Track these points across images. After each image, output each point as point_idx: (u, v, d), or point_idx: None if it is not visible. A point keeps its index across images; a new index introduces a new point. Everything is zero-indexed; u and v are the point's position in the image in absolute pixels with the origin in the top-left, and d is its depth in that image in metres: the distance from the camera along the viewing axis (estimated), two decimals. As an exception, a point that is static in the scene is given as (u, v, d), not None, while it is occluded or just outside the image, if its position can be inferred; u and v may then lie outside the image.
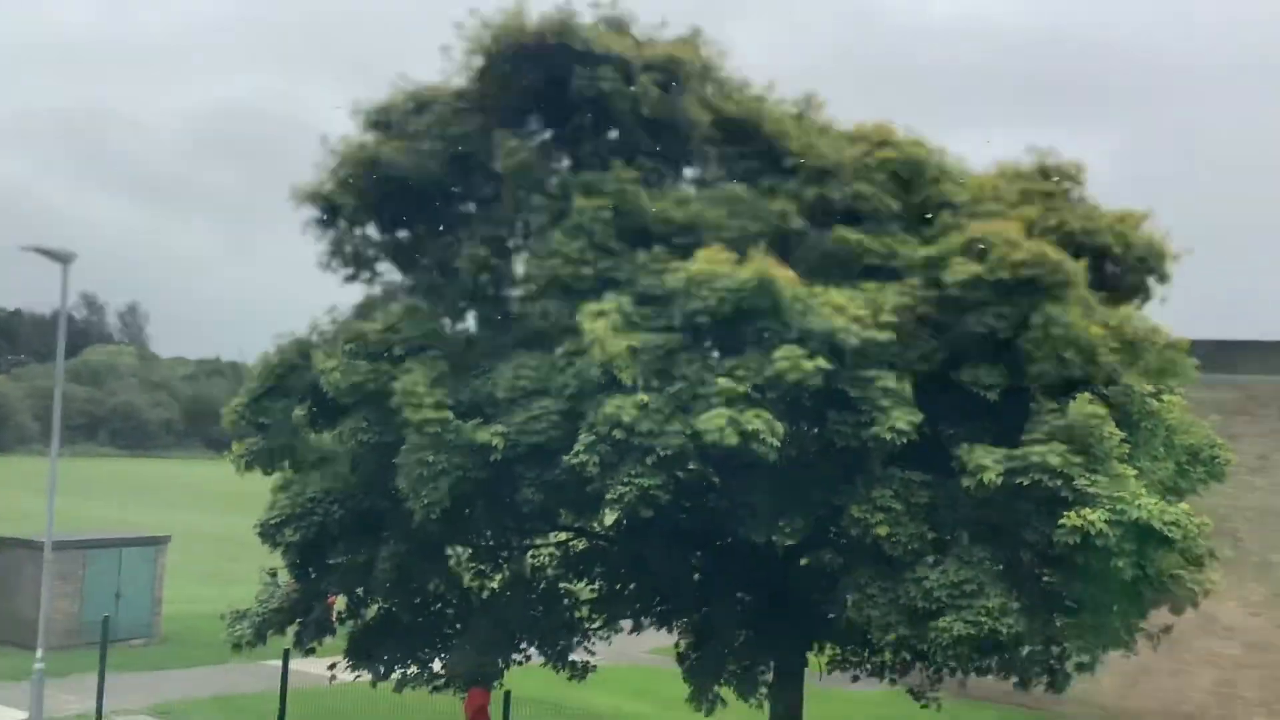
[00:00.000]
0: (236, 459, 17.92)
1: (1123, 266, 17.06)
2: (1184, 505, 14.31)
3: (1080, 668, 16.17)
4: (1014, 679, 16.55)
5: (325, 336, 17.50)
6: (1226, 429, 20.44)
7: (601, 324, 14.16)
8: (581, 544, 21.12)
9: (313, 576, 18.92)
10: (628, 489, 14.04)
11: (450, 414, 15.20)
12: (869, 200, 16.12)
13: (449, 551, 19.63)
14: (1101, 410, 14.38)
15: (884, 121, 17.43)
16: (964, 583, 14.47)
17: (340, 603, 19.95)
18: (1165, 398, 16.47)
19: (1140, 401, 15.69)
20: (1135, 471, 14.64)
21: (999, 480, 13.90)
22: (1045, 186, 17.81)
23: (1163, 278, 17.49)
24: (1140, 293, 17.57)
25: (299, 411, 17.85)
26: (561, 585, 20.67)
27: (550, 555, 21.28)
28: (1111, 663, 17.52)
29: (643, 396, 14.16)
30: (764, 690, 19.39)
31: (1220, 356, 24.57)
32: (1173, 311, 17.83)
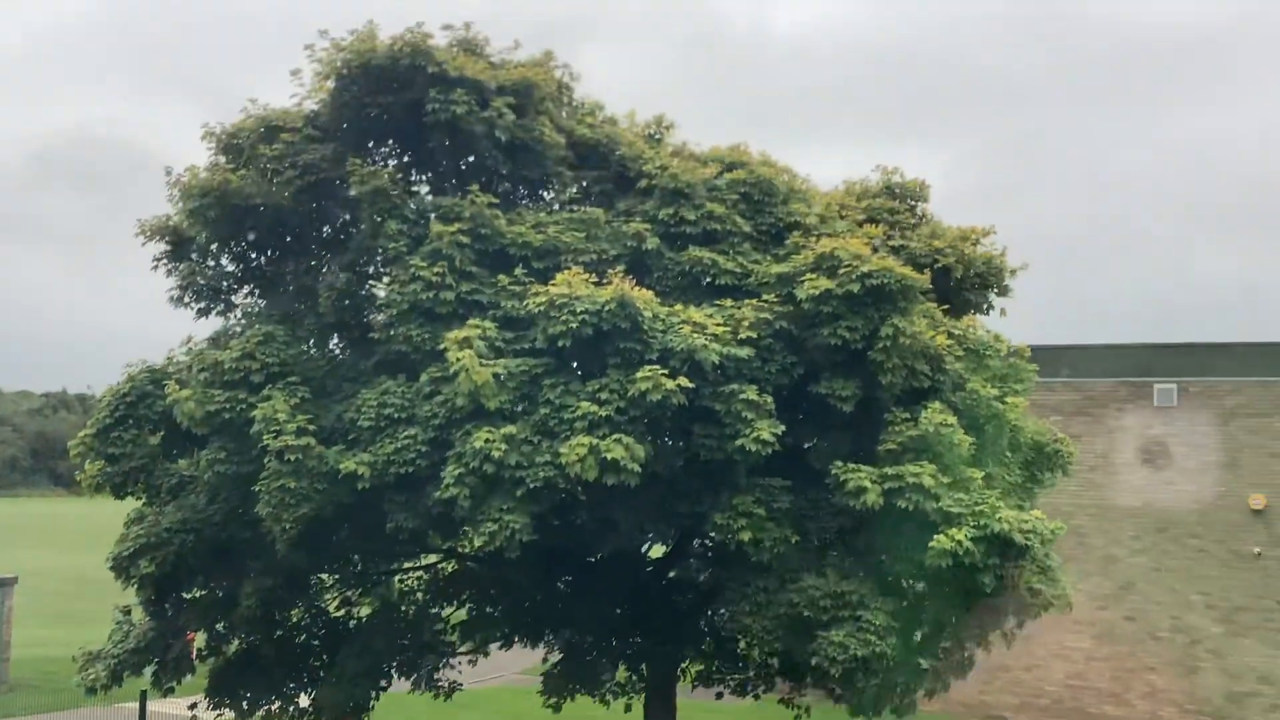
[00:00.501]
0: (87, 480, 17.28)
1: (965, 282, 17.78)
2: (1037, 512, 14.96)
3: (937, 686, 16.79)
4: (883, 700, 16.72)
5: (180, 367, 17.09)
6: (1067, 430, 21.43)
7: (467, 352, 14.18)
8: (450, 567, 21.00)
9: (169, 613, 18.39)
10: (497, 527, 14.09)
11: (313, 440, 15.00)
12: (722, 220, 16.47)
13: (314, 580, 19.31)
14: (951, 419, 14.94)
15: (735, 144, 17.87)
16: (847, 593, 14.82)
17: (199, 639, 19.43)
18: (1009, 400, 17.20)
19: (987, 406, 16.34)
20: (983, 474, 15.25)
21: (880, 502, 14.32)
22: (891, 205, 18.47)
23: (1002, 291, 18.30)
24: (981, 306, 18.35)
25: (153, 441, 17.36)
26: (431, 610, 20.52)
27: (418, 580, 21.11)
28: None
29: (510, 428, 14.22)
30: (631, 700, 19.61)
31: (1058, 361, 25.76)
32: (1016, 317, 18.71)
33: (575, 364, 15.12)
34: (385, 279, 16.51)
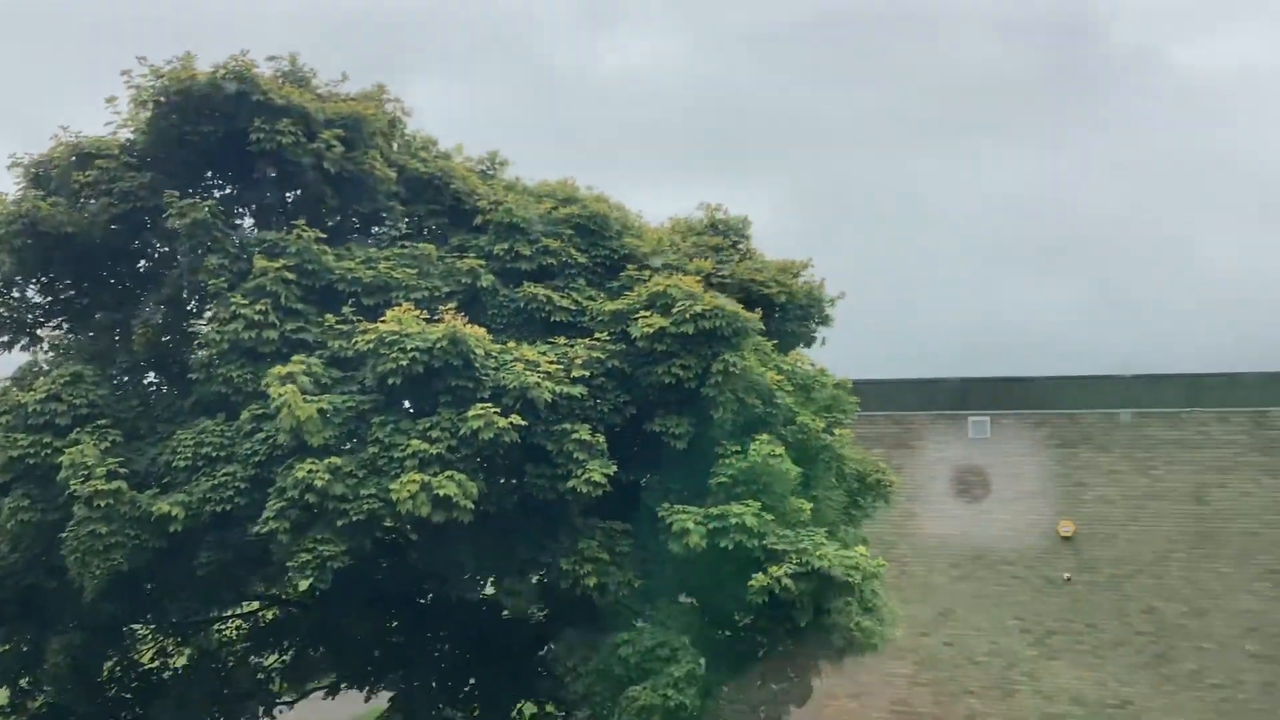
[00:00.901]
0: None
1: (789, 314, 18.20)
2: (861, 549, 15.31)
3: None
4: None
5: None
6: (889, 461, 22.07)
7: (290, 388, 13.73)
8: (272, 613, 20.32)
9: (-33, 670, 17.27)
10: (310, 557, 13.66)
11: (124, 484, 14.30)
12: (558, 255, 16.45)
13: (127, 631, 18.41)
14: (779, 449, 15.21)
15: (564, 179, 17.94)
16: (657, 647, 14.91)
17: (1, 696, 18.28)
18: (836, 431, 17.66)
19: (815, 437, 16.71)
20: (811, 505, 15.57)
21: (704, 543, 14.42)
22: (716, 240, 18.82)
23: (824, 321, 18.83)
24: (805, 337, 18.83)
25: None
26: (251, 658, 19.80)
27: (238, 628, 20.35)
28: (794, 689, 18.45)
29: (335, 460, 13.83)
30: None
31: (880, 395, 26.57)
32: (838, 351, 19.29)
33: (406, 402, 14.82)
34: (205, 316, 15.90)
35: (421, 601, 18.95)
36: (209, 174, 16.68)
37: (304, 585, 14.06)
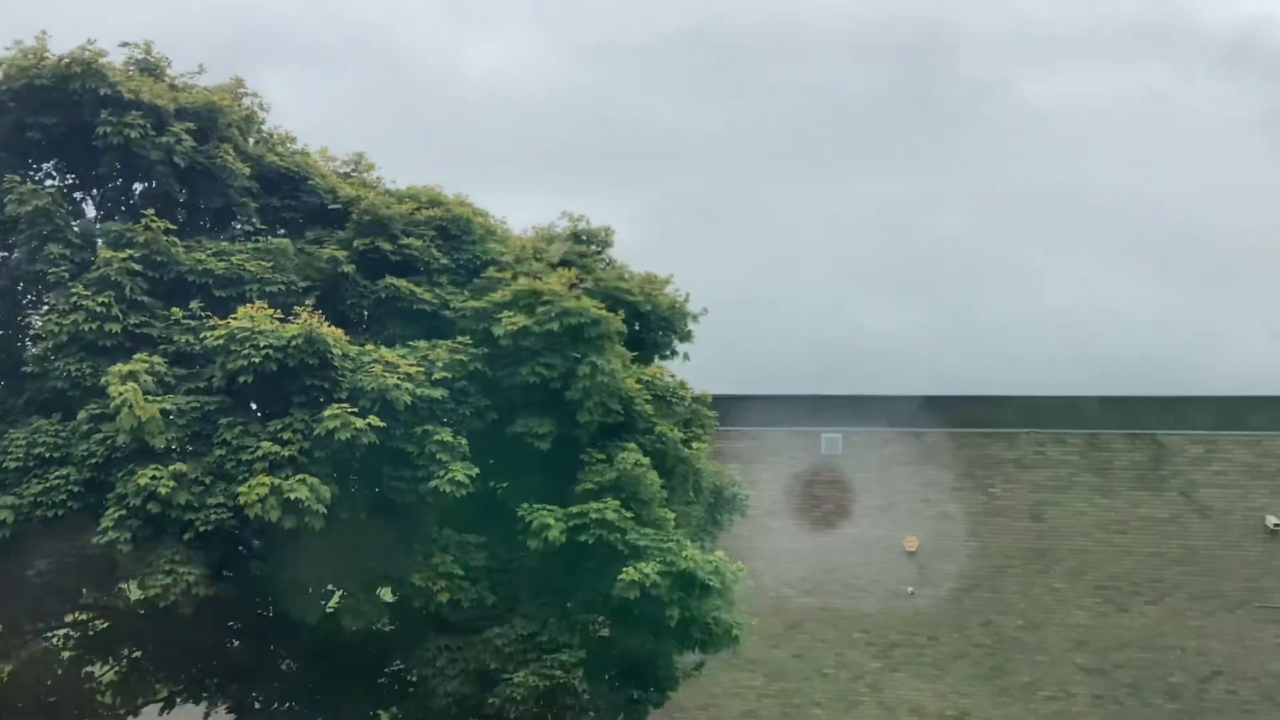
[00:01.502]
0: None
1: (651, 325, 18.27)
2: (720, 553, 15.49)
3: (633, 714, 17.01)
4: None
5: None
6: (746, 476, 22.30)
7: (131, 386, 13.12)
8: (104, 623, 19.40)
9: None
10: (169, 580, 13.11)
11: None
12: (419, 253, 16.16)
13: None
14: (644, 460, 15.26)
15: (429, 184, 17.71)
16: (534, 634, 14.72)
17: None
18: (694, 445, 17.79)
19: (675, 449, 16.81)
20: (674, 514, 15.65)
21: (563, 538, 14.29)
22: (580, 249, 18.80)
23: (684, 336, 18.94)
24: (666, 349, 18.92)
25: None
26: (81, 670, 18.85)
27: (67, 636, 19.36)
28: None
29: (180, 466, 13.28)
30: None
31: (737, 410, 26.86)
32: (698, 367, 19.43)
33: (255, 403, 14.34)
34: (43, 309, 15.13)
35: (265, 614, 18.33)
36: (50, 165, 15.94)
37: (150, 594, 13.41)
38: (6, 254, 15.47)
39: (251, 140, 16.96)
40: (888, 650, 26.92)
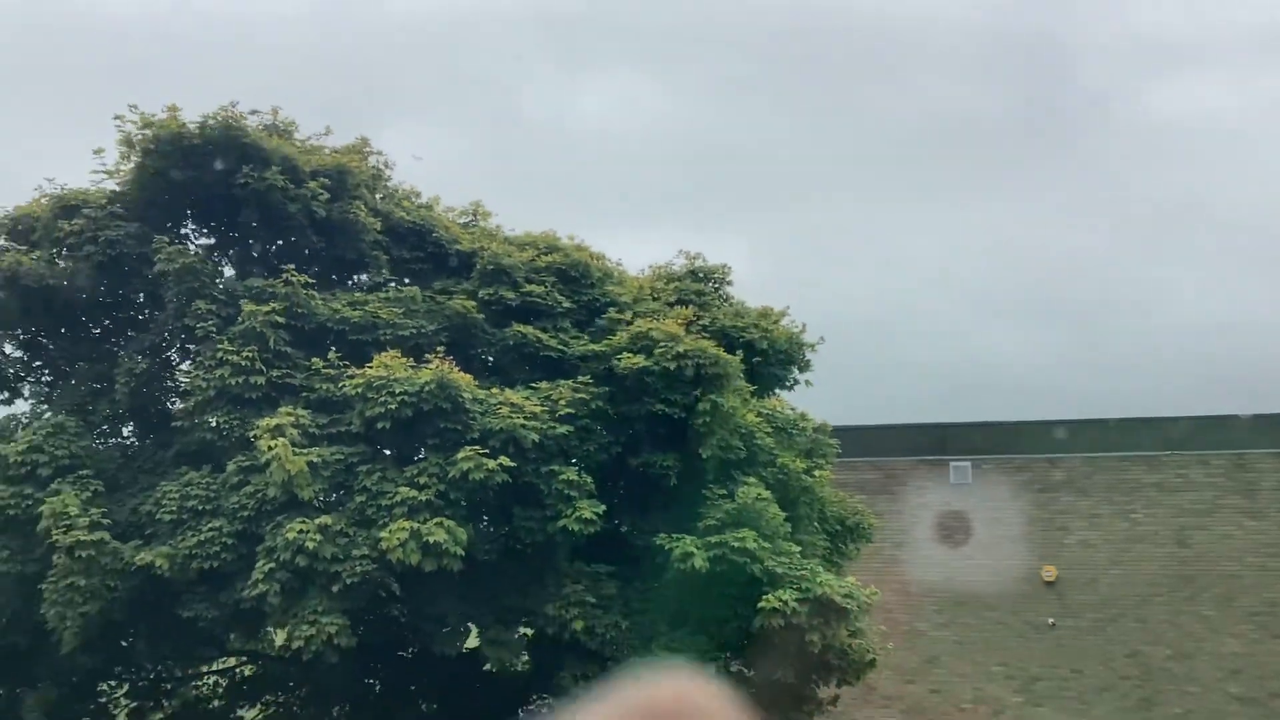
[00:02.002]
0: None
1: (769, 358, 18.33)
2: (851, 578, 15.39)
3: None
4: None
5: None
6: (871, 507, 22.09)
7: (280, 441, 13.71)
8: (251, 668, 20.04)
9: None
10: (313, 631, 13.55)
11: (106, 535, 14.21)
12: (542, 300, 16.57)
13: (104, 688, 18.12)
14: (766, 493, 15.29)
15: (546, 230, 18.17)
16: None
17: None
18: (816, 474, 17.75)
19: (796, 479, 16.81)
20: (799, 547, 15.62)
21: (707, 566, 14.40)
22: (697, 287, 18.99)
23: (803, 366, 18.94)
24: (785, 381, 18.93)
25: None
26: (230, 715, 19.49)
27: (216, 684, 20.04)
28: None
29: (325, 519, 13.77)
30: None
31: (862, 440, 26.64)
32: (819, 395, 19.41)
33: (391, 448, 14.82)
34: (189, 364, 15.90)
35: (405, 655, 18.74)
36: (194, 223, 16.78)
37: (295, 645, 13.88)
38: (157, 311, 16.30)
39: (379, 196, 17.62)
40: (1030, 684, 26.25)
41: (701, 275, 19.51)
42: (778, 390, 18.87)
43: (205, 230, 16.75)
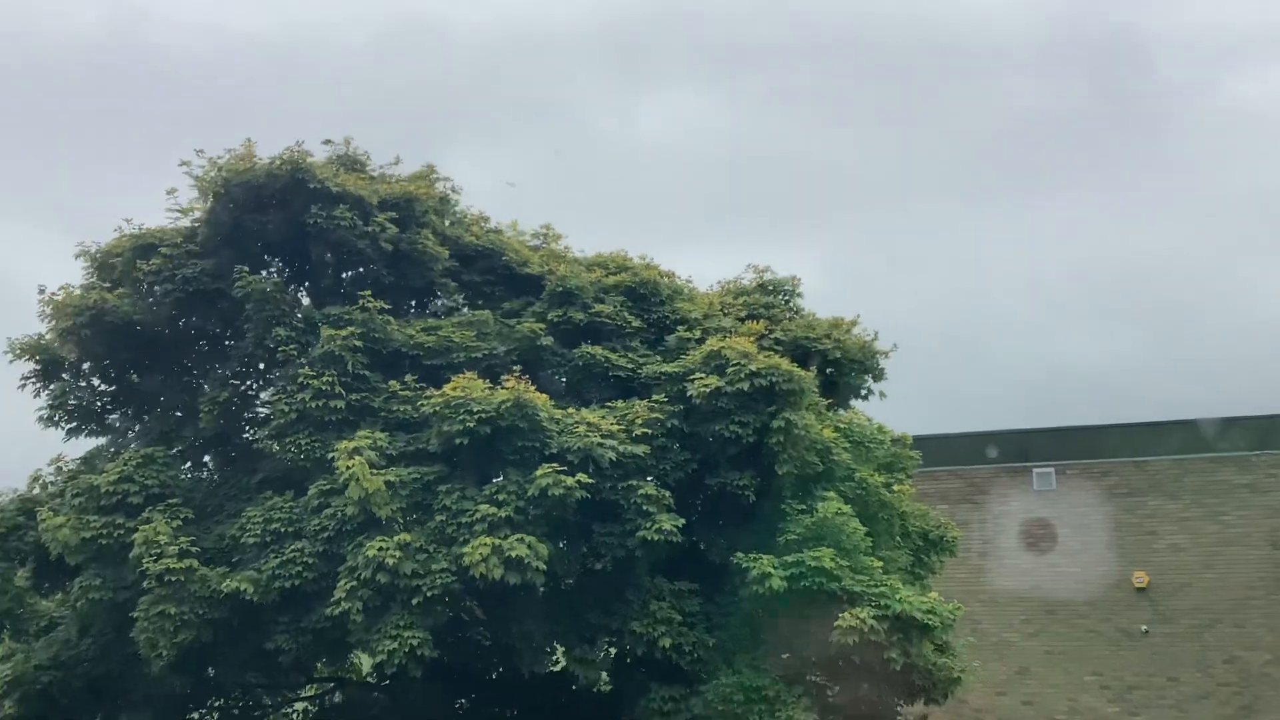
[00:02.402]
0: None
1: (842, 369, 18.16)
2: (934, 593, 15.15)
3: None
4: None
5: (51, 492, 16.41)
6: (954, 516, 21.78)
7: (358, 460, 13.87)
8: (338, 695, 20.23)
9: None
10: (395, 644, 13.63)
11: (195, 562, 14.46)
12: (611, 319, 16.63)
13: (192, 715, 18.42)
14: (845, 508, 15.14)
15: (616, 250, 18.25)
16: (761, 689, 14.66)
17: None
18: (896, 488, 17.52)
19: (876, 493, 16.61)
20: (880, 562, 15.42)
21: (785, 585, 14.31)
22: (766, 300, 18.90)
23: (878, 375, 18.73)
24: (860, 391, 18.73)
25: (21, 575, 16.60)
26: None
27: (305, 710, 20.27)
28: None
29: (405, 536, 13.88)
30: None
31: (941, 450, 26.29)
32: (896, 406, 19.16)
33: (470, 468, 14.91)
34: (270, 390, 16.19)
35: (490, 677, 18.80)
36: (268, 258, 17.11)
37: (378, 659, 14.00)
38: (237, 341, 16.64)
39: (447, 222, 17.83)
40: (1125, 693, 25.63)
41: (771, 288, 19.42)
42: (853, 401, 18.69)
43: (279, 265, 17.07)
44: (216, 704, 18.67)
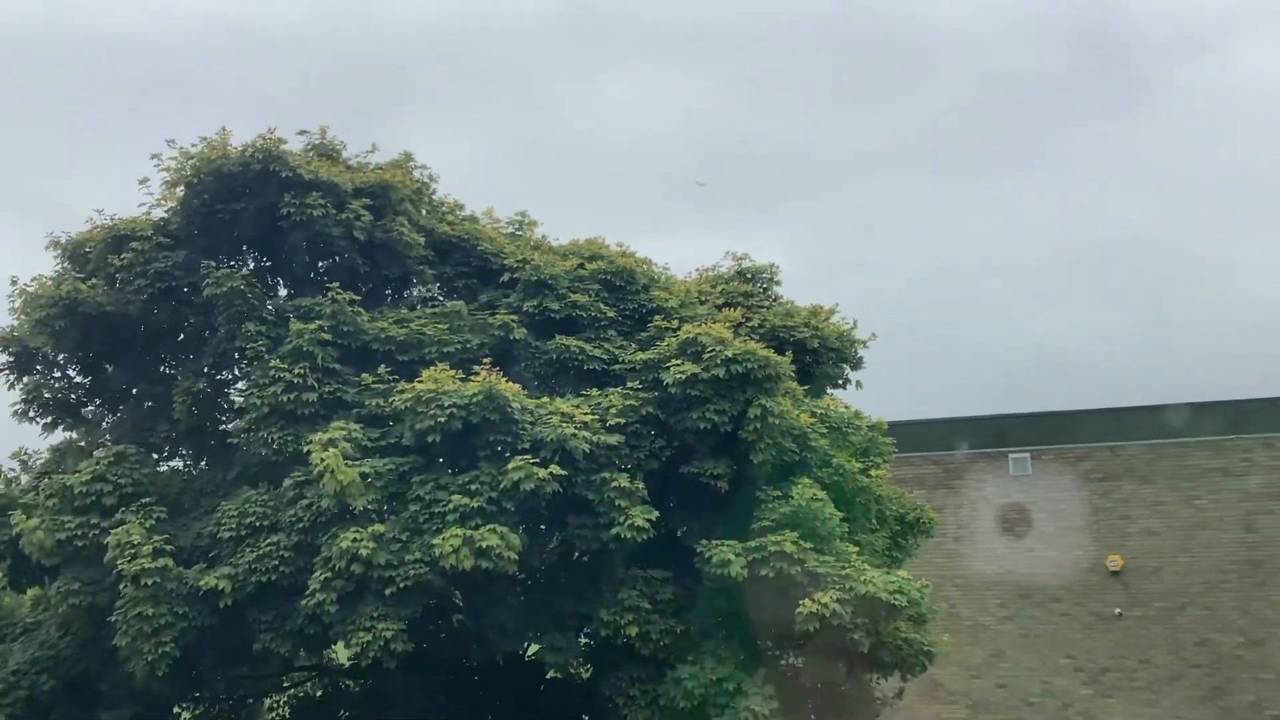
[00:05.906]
0: None
1: (820, 357, 18.21)
2: (903, 572, 15.24)
3: None
4: None
5: (21, 489, 16.33)
6: (931, 502, 21.89)
7: (332, 452, 13.87)
8: (320, 689, 20.24)
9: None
10: (369, 636, 13.67)
11: (170, 561, 14.43)
12: (586, 309, 16.62)
13: (175, 712, 18.39)
14: (821, 494, 15.20)
15: (592, 237, 18.19)
16: (723, 680, 14.75)
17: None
18: (873, 473, 17.59)
19: (852, 479, 16.68)
20: (856, 547, 15.51)
21: (745, 573, 14.36)
22: (744, 288, 18.91)
23: (855, 364, 18.80)
24: (838, 379, 18.81)
25: (-3, 573, 16.50)
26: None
27: (288, 701, 20.27)
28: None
29: (379, 526, 13.90)
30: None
31: (918, 435, 26.43)
32: (871, 391, 19.24)
33: (444, 459, 14.93)
34: (243, 384, 16.13)
35: (467, 664, 18.87)
36: (242, 249, 17.02)
37: (351, 652, 14.05)
38: (210, 334, 16.56)
39: (423, 210, 17.76)
40: (1098, 675, 25.88)
41: (749, 276, 19.44)
42: (830, 390, 18.76)
43: (253, 255, 16.98)
44: (200, 699, 18.65)
